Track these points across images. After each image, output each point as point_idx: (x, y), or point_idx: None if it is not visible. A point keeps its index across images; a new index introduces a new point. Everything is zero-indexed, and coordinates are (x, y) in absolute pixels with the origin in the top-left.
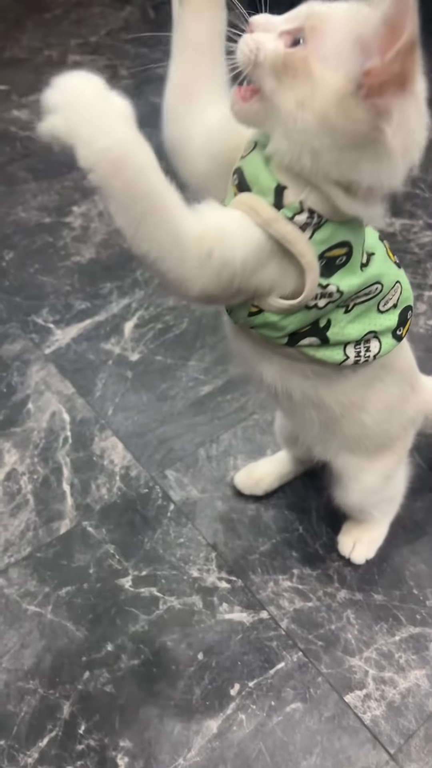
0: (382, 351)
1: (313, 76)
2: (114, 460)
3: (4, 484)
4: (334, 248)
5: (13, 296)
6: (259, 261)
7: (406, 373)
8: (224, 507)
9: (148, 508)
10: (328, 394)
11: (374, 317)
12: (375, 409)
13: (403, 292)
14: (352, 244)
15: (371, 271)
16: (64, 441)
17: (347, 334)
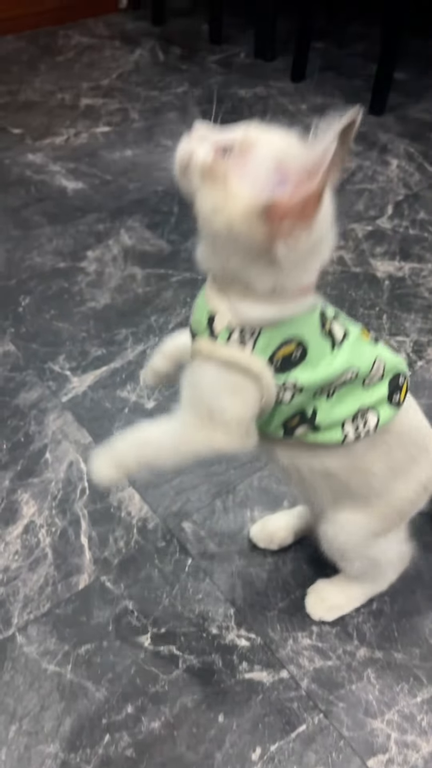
0: (382, 421)
1: (228, 188)
2: (131, 512)
3: (23, 538)
4: (282, 347)
5: (29, 343)
6: (234, 387)
7: (411, 435)
8: (242, 561)
9: (166, 562)
10: (334, 463)
11: (360, 394)
12: (381, 472)
13: (387, 365)
14: (302, 338)
15: (337, 364)
16: (82, 492)
17: (336, 416)
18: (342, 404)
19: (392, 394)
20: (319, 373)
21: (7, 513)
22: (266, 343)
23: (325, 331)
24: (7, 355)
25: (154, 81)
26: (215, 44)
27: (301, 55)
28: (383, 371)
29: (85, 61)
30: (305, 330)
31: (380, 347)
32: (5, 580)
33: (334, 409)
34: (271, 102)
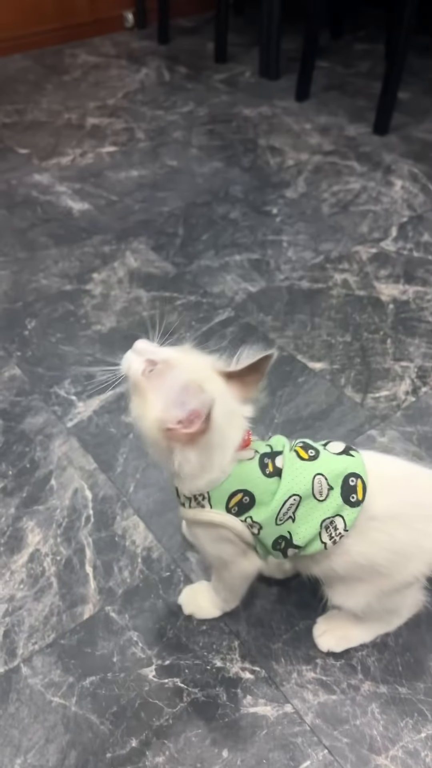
0: (348, 523)
1: (147, 401)
2: (136, 541)
3: (28, 566)
4: (231, 499)
5: (35, 367)
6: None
7: (409, 513)
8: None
9: (170, 593)
10: (337, 562)
11: (319, 509)
12: (386, 560)
13: (330, 475)
14: (245, 488)
15: (278, 497)
16: (87, 520)
17: (307, 534)
18: (308, 523)
19: (348, 498)
20: (267, 511)
21: (12, 541)
22: (218, 499)
23: (268, 473)
24: (13, 379)
25: (160, 100)
26: (220, 63)
27: (306, 74)
28: (328, 483)
29: (92, 80)
30: (246, 479)
31: (322, 461)
32: (10, 610)
33: (303, 528)
34: (276, 121)
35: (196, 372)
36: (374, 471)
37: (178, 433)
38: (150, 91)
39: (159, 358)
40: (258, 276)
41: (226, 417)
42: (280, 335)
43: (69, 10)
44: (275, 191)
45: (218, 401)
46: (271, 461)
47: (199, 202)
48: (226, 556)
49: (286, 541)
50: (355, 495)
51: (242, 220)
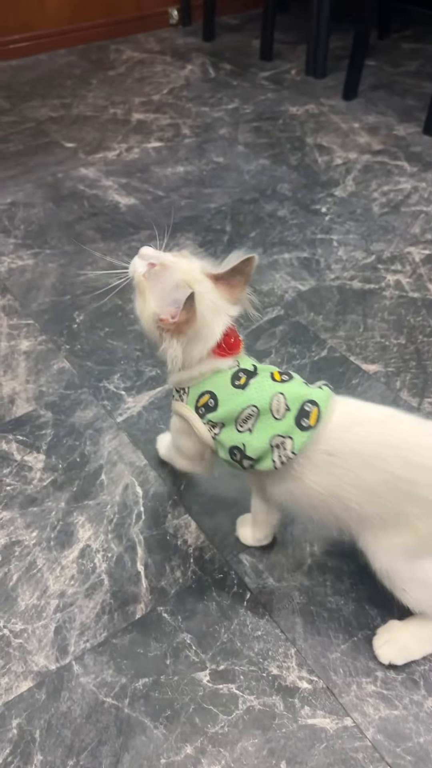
0: (297, 446)
1: (145, 298)
2: (188, 541)
3: (79, 562)
4: (201, 398)
5: (84, 361)
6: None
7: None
8: (302, 598)
9: (224, 596)
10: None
11: (272, 425)
12: (357, 496)
13: (289, 396)
14: (213, 390)
15: (239, 400)
16: (138, 517)
17: (259, 446)
18: (260, 436)
19: (299, 420)
20: (225, 411)
21: (63, 536)
22: (192, 396)
23: (237, 385)
24: (62, 372)
25: (205, 97)
26: (266, 61)
27: (355, 73)
28: (286, 403)
29: (137, 76)
30: (216, 385)
31: (290, 384)
32: (62, 606)
33: (256, 441)
34: (323, 120)
35: (187, 273)
36: (347, 410)
37: (167, 323)
38: (195, 88)
39: (158, 262)
40: (308, 275)
41: (210, 312)
42: (332, 335)
43: (115, 7)
44: (324, 190)
45: (204, 297)
46: (245, 377)
47: (247, 199)
48: (185, 450)
49: (240, 451)
50: (307, 420)
51: (290, 218)
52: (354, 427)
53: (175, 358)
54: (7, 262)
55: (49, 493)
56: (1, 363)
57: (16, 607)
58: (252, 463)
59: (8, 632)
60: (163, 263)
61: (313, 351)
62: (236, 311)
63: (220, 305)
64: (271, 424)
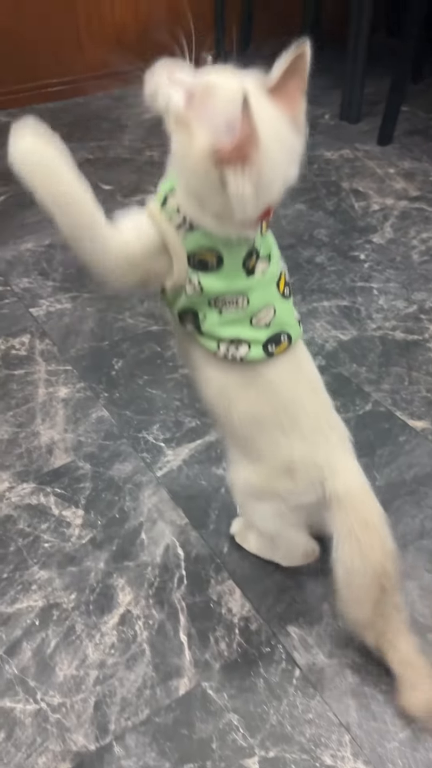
0: (249, 356)
1: (191, 132)
2: (232, 609)
3: (119, 629)
4: (203, 252)
5: (123, 410)
6: (155, 252)
7: (288, 400)
8: (355, 678)
9: (272, 672)
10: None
11: (245, 327)
12: (244, 414)
13: (276, 317)
14: (222, 254)
15: (239, 284)
16: (179, 581)
17: (217, 333)
18: (226, 327)
19: (268, 343)
20: (222, 284)
21: (102, 599)
22: (193, 240)
23: (246, 266)
24: (101, 421)
25: None
26: None
27: (390, 118)
28: (271, 320)
29: None
30: (228, 253)
31: (286, 302)
32: (101, 678)
33: (218, 328)
34: (359, 165)
35: (235, 101)
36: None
37: (227, 153)
38: None
39: (198, 86)
40: (348, 324)
41: (276, 143)
42: (375, 388)
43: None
44: (361, 236)
45: (266, 123)
46: (255, 259)
47: (284, 244)
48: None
49: (195, 318)
50: (273, 347)
51: (329, 265)
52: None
53: (245, 199)
54: (45, 306)
55: (88, 551)
56: (39, 410)
57: (54, 678)
58: (195, 332)
59: (46, 706)
60: (206, 84)
61: (357, 405)
62: (302, 146)
63: (285, 132)
64: (244, 325)
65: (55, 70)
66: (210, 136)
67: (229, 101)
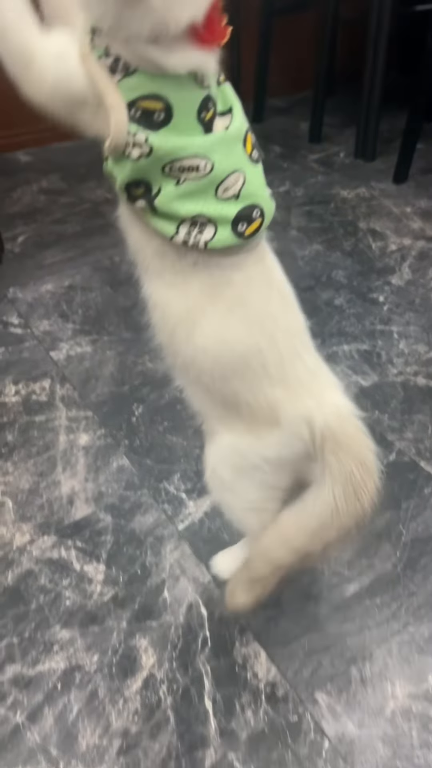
0: (215, 240)
1: None
2: (258, 674)
3: (143, 694)
4: (146, 99)
5: (144, 458)
6: (80, 101)
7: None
8: (387, 750)
9: (300, 743)
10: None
11: (209, 200)
12: (209, 330)
13: (247, 186)
14: (170, 102)
15: (196, 141)
16: (203, 643)
17: (175, 208)
18: (186, 201)
19: (238, 221)
20: (172, 140)
21: (125, 662)
22: (133, 85)
23: (202, 118)
24: (122, 470)
25: None
26: (315, 143)
27: (406, 157)
28: (240, 190)
29: None
30: (179, 100)
31: (256, 169)
32: (125, 747)
33: (177, 201)
34: (375, 204)
35: None
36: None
37: None
38: None
39: None
40: (369, 369)
41: None
42: (399, 437)
43: None
44: (380, 277)
45: None
46: (212, 111)
47: (302, 286)
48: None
49: (147, 190)
50: (245, 225)
51: (348, 307)
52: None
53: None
54: (65, 349)
55: (110, 610)
56: (60, 459)
57: (76, 747)
58: (148, 211)
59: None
60: None
61: (381, 454)
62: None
63: None
64: (208, 198)
65: None
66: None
67: None
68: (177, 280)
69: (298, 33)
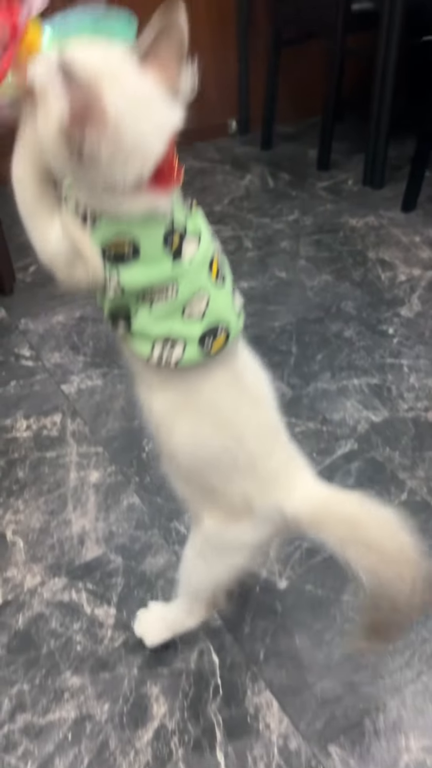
0: (185, 357)
1: (47, 105)
2: (270, 725)
3: (154, 745)
4: (116, 242)
5: (154, 496)
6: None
7: (231, 421)
8: None
9: None
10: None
11: (177, 321)
12: (184, 431)
13: (210, 306)
14: (135, 240)
15: (164, 270)
16: (215, 691)
17: (148, 329)
18: (158, 323)
19: (204, 338)
20: (142, 275)
21: (136, 711)
22: (103, 230)
23: (169, 246)
24: (132, 509)
25: (265, 208)
26: (323, 170)
27: (415, 185)
28: (205, 310)
29: (198, 186)
30: (143, 237)
31: (220, 290)
32: None
33: (150, 324)
34: (383, 233)
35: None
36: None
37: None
38: (255, 198)
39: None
40: (379, 404)
41: (137, 109)
42: (410, 475)
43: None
44: (389, 309)
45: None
46: (178, 240)
47: (311, 317)
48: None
49: (126, 315)
50: (210, 341)
51: (357, 340)
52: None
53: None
54: (76, 382)
55: (121, 656)
56: (71, 497)
57: None
58: (127, 333)
59: None
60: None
61: (393, 493)
62: (179, 115)
63: (155, 101)
64: (176, 319)
65: None
66: (57, 107)
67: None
68: (157, 387)
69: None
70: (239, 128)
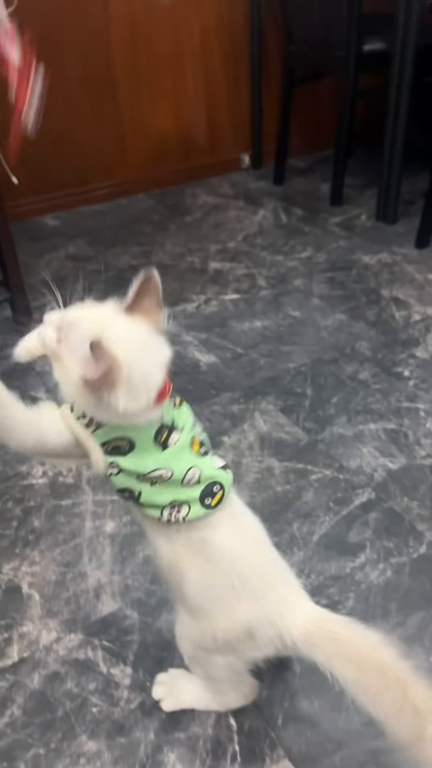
0: (191, 514)
1: (64, 365)
2: None
3: None
4: (114, 440)
5: None
6: (72, 446)
7: (235, 563)
8: None
9: None
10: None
11: (177, 490)
12: (194, 582)
13: (204, 473)
14: (131, 439)
15: (156, 460)
16: (233, 758)
17: (154, 500)
18: (161, 494)
19: (204, 497)
20: (137, 463)
21: None
22: (103, 434)
23: (159, 441)
24: (148, 561)
25: (279, 244)
26: (335, 205)
27: (427, 221)
28: (199, 478)
29: (212, 222)
30: (137, 436)
31: (205, 459)
32: None
33: (155, 496)
34: (397, 270)
35: (96, 320)
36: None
37: (95, 383)
38: (268, 234)
39: (63, 322)
40: (396, 450)
41: (139, 352)
42: (429, 527)
43: (190, 154)
44: (404, 350)
45: (125, 339)
46: (166, 432)
47: (326, 358)
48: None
49: (131, 494)
50: (210, 499)
51: (373, 382)
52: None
53: (123, 404)
54: None
55: (138, 719)
56: (86, 547)
57: None
58: (139, 506)
59: None
60: (68, 321)
61: (411, 547)
62: (167, 351)
63: (148, 341)
64: (177, 489)
65: (101, 175)
66: (79, 366)
67: (84, 340)
68: (167, 539)
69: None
70: (252, 163)
